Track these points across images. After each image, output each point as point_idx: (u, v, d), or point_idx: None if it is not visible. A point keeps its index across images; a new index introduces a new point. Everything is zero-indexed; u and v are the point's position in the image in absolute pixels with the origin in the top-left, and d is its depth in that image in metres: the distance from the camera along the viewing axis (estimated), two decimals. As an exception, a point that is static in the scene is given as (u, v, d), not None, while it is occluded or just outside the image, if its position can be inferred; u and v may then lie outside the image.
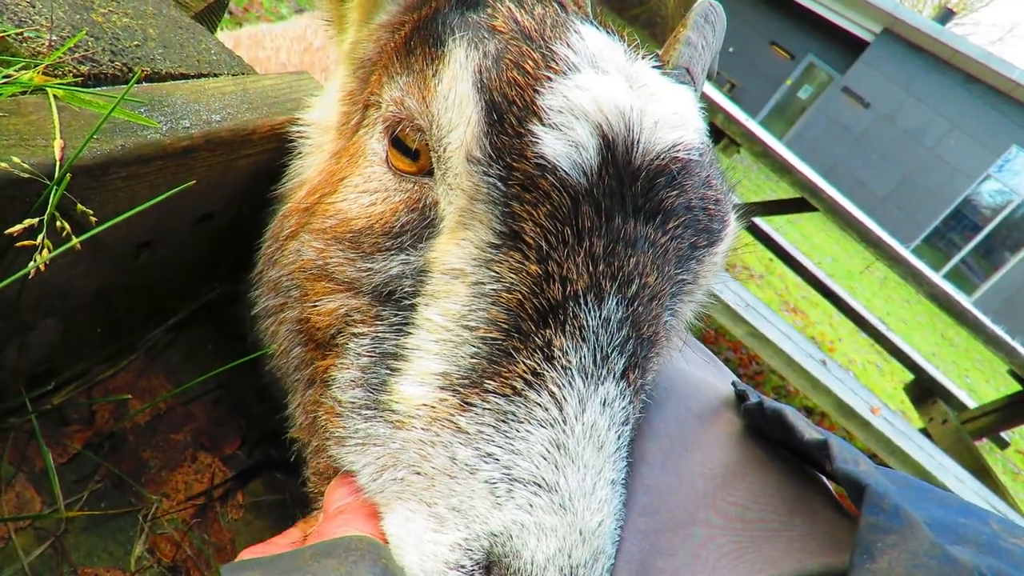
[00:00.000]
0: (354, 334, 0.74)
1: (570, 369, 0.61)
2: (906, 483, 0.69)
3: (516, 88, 0.69)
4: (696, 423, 0.82)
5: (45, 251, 0.56)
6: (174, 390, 0.85)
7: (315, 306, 0.78)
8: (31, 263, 0.56)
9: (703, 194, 0.77)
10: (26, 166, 0.57)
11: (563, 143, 0.67)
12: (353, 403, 0.70)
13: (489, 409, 0.60)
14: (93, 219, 0.62)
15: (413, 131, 0.76)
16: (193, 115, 0.77)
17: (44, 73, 0.67)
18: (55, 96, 0.66)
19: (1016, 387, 5.25)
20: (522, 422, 0.60)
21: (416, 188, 0.76)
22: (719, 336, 6.18)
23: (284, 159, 0.91)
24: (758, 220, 6.48)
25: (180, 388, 0.85)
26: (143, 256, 0.80)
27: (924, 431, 5.70)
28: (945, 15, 25.88)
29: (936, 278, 4.67)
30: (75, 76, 0.71)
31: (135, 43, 0.81)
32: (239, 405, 0.85)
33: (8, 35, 0.68)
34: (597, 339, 0.64)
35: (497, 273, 0.66)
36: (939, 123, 19.91)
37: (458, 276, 0.68)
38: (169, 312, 0.91)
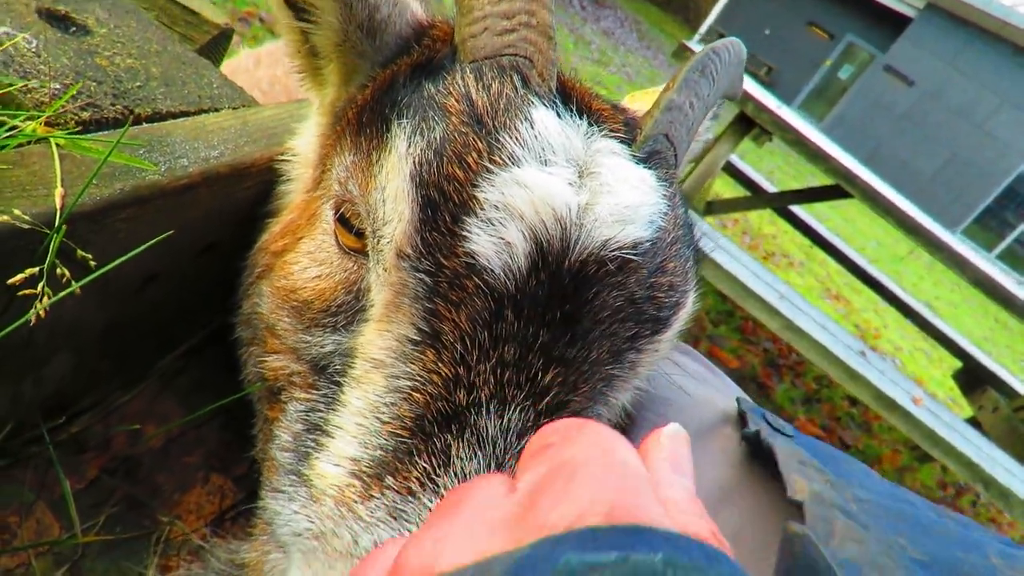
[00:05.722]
0: (294, 397, 0.78)
1: (465, 477, 0.63)
2: (899, 516, 0.69)
3: (454, 183, 0.68)
4: (693, 443, 0.82)
5: (45, 298, 0.60)
6: (187, 417, 0.89)
7: (266, 359, 0.82)
8: (31, 311, 0.60)
9: (653, 282, 0.74)
10: (26, 217, 0.61)
11: (493, 242, 0.66)
12: (284, 465, 0.74)
13: (386, 504, 0.63)
14: (92, 263, 0.66)
15: (355, 215, 0.77)
16: (192, 153, 0.80)
17: (47, 123, 0.71)
18: (57, 144, 0.69)
19: (1072, 374, 5.04)
20: (411, 523, 0.62)
21: (355, 268, 0.77)
22: (756, 327, 6.10)
23: (279, 182, 0.94)
24: (795, 208, 6.36)
25: (193, 415, 0.89)
26: (150, 289, 0.84)
27: (974, 420, 5.54)
28: (993, -15, 24.84)
29: (981, 263, 4.52)
30: (77, 123, 0.75)
31: (137, 84, 0.85)
32: (246, 426, 0.88)
33: (14, 88, 0.72)
34: (495, 448, 0.65)
35: (411, 371, 0.67)
36: (988, 99, 19.16)
37: (378, 367, 0.70)
38: (179, 339, 0.95)
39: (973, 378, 6.06)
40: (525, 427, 0.66)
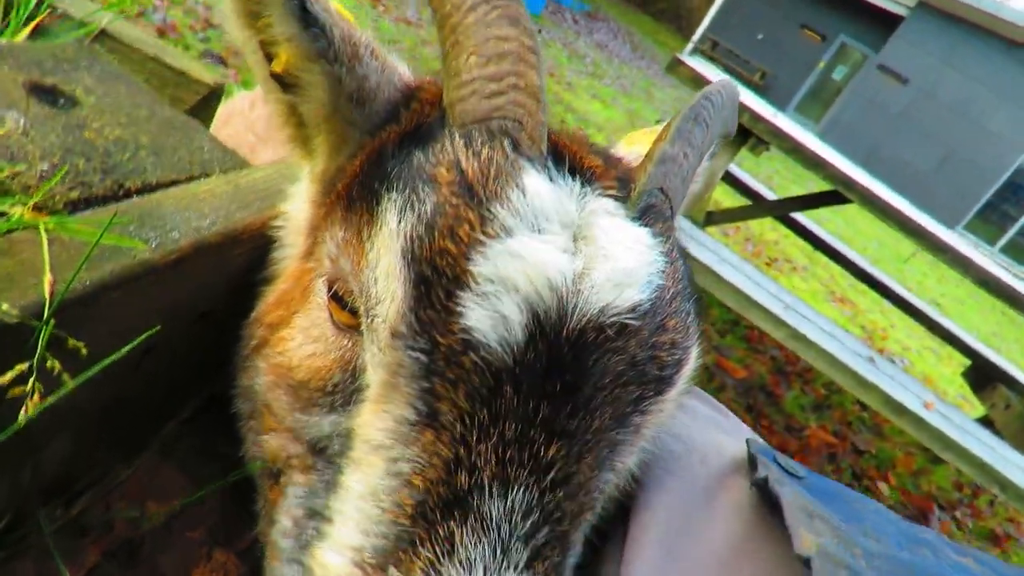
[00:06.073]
0: (293, 481, 0.76)
1: (470, 565, 0.61)
2: (911, 571, 0.67)
3: (447, 258, 0.67)
4: (702, 499, 0.80)
5: (36, 395, 0.59)
6: (190, 497, 0.88)
7: (264, 438, 0.81)
8: (22, 413, 0.59)
9: (654, 342, 0.73)
10: (15, 312, 0.60)
11: (489, 317, 0.64)
12: (285, 552, 0.73)
13: None
14: (84, 351, 0.65)
15: (348, 292, 0.76)
16: (183, 224, 0.79)
17: (35, 207, 0.70)
18: (46, 228, 0.69)
19: (1083, 369, 5.00)
20: None
21: (350, 346, 0.76)
22: (763, 335, 6.07)
23: (273, 248, 0.93)
24: (796, 214, 6.34)
25: (196, 495, 0.88)
26: (146, 363, 0.83)
27: (986, 418, 5.49)
28: (982, -20, 24.95)
29: (985, 262, 4.50)
30: (66, 204, 0.74)
31: (127, 155, 0.84)
32: (249, 498, 0.87)
33: (2, 175, 0.71)
34: (499, 532, 0.63)
35: (411, 453, 0.66)
36: (983, 94, 19.21)
37: (376, 450, 0.68)
38: (179, 407, 0.94)
39: (983, 376, 6.02)
40: (530, 507, 0.64)
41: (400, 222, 0.70)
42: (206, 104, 1.10)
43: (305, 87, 0.84)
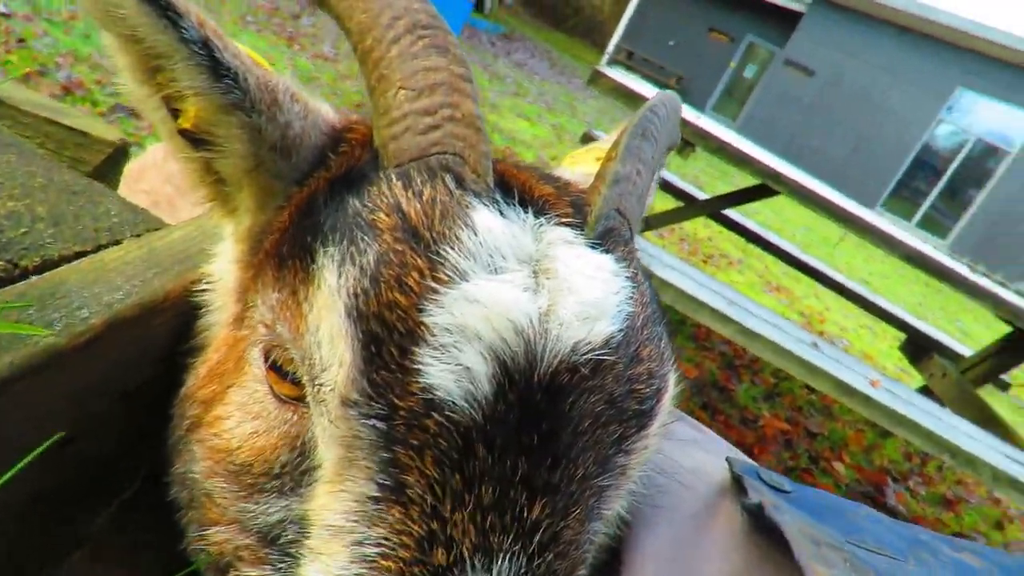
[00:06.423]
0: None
1: None
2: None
3: (397, 311, 0.60)
4: (692, 531, 0.75)
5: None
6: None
7: (208, 531, 0.73)
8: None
9: (631, 375, 0.67)
10: None
11: (451, 371, 0.58)
12: None
13: None
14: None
15: (288, 360, 0.68)
16: (92, 300, 0.71)
17: (-85, 302, 0.62)
18: (-70, 326, 0.61)
19: (1007, 328, 5.25)
20: None
21: (296, 420, 0.68)
22: (710, 332, 6.17)
23: (199, 315, 0.85)
24: (727, 210, 6.50)
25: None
26: (68, 452, 0.74)
27: (925, 388, 5.70)
28: (869, -27, 26.43)
29: (908, 239, 4.69)
30: (-47, 294, 0.66)
31: (22, 230, 0.76)
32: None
33: None
34: None
35: (377, 535, 0.59)
36: (883, 79, 20.28)
37: (337, 534, 0.61)
38: (111, 496, 0.85)
39: (918, 347, 6.27)
40: (521, 574, 0.58)
41: (340, 277, 0.63)
42: (112, 163, 1.02)
43: (220, 142, 0.76)
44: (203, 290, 0.84)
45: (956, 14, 18.48)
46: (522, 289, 0.62)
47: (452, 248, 0.62)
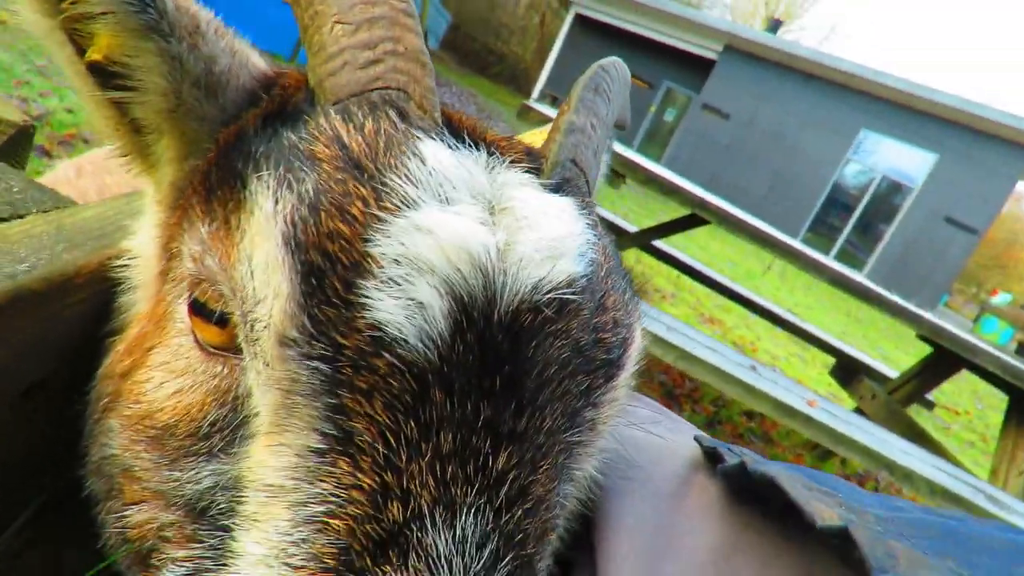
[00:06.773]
0: (170, 558, 0.58)
1: None
2: (928, 531, 0.58)
3: (340, 241, 0.53)
4: (670, 504, 0.69)
5: None
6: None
7: (127, 513, 0.62)
8: None
9: (597, 323, 0.62)
10: None
11: (402, 306, 0.51)
12: None
13: None
14: None
15: (216, 297, 0.59)
16: (-12, 271, 0.59)
17: None
18: None
19: (928, 349, 5.48)
20: None
21: (226, 372, 0.59)
22: (649, 363, 6.19)
23: (118, 293, 0.73)
24: (658, 242, 6.62)
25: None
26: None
27: (858, 410, 5.86)
28: (775, 25, 28.32)
29: (832, 263, 4.85)
30: None
31: None
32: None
33: None
34: (451, 569, 0.49)
35: (323, 491, 0.51)
36: (793, 122, 21.51)
37: (276, 495, 0.52)
38: (22, 504, 0.71)
39: (848, 371, 6.47)
40: (486, 533, 0.50)
41: (277, 204, 0.55)
42: (15, 144, 0.90)
43: (135, 76, 0.66)
44: (123, 266, 0.73)
45: (857, 62, 19.89)
46: (478, 222, 0.56)
47: (399, 176, 0.56)
